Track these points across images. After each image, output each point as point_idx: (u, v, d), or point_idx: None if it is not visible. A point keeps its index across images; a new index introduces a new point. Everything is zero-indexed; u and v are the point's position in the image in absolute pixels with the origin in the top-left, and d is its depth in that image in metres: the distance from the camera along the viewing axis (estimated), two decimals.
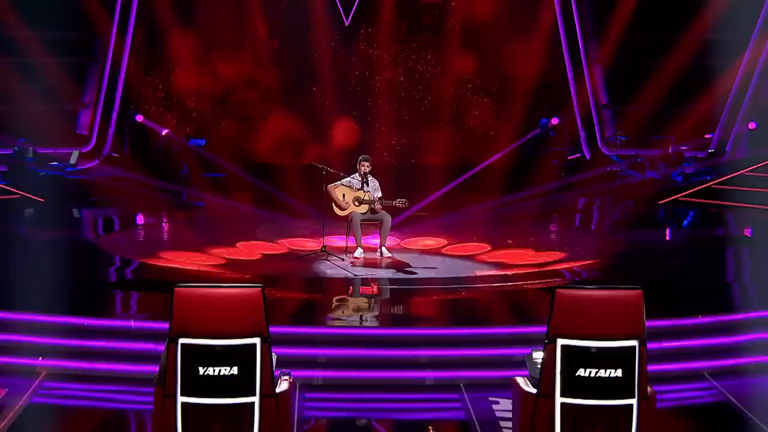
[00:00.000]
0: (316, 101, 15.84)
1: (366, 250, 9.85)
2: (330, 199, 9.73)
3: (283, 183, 14.99)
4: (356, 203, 9.71)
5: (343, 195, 9.74)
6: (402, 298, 8.25)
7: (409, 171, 15.41)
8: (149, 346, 6.46)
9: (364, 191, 9.73)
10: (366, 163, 9.76)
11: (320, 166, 9.72)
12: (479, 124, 16.14)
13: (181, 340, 4.20)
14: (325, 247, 9.63)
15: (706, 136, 15.40)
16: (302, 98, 15.89)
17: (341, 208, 9.72)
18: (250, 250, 10.29)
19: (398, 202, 9.62)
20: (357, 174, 9.81)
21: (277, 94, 15.80)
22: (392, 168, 15.03)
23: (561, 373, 4.24)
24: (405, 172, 15.24)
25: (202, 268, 9.09)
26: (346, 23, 15.82)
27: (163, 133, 15.63)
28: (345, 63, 15.88)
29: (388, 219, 9.71)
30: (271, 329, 4.30)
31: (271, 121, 15.90)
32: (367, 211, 9.72)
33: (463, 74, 16.05)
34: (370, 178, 9.83)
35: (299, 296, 8.35)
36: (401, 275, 9.02)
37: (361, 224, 9.67)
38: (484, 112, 16.18)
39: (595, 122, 15.98)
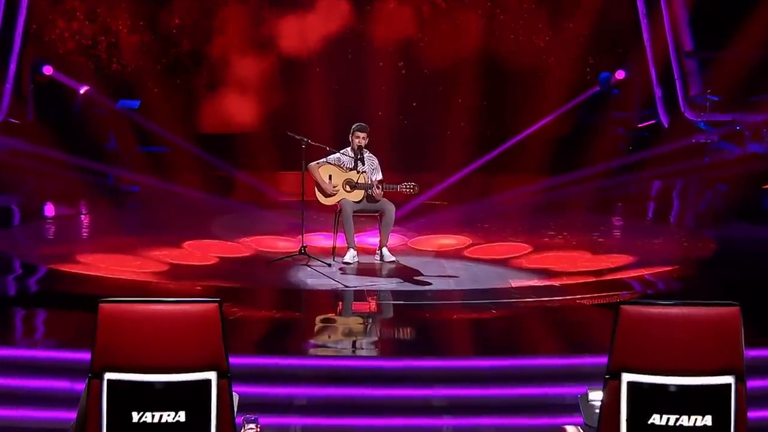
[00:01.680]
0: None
1: (361, 252, 9.86)
2: (312, 183, 9.74)
3: (247, 160, 15.00)
4: (348, 188, 9.72)
5: (330, 176, 9.75)
6: (410, 317, 8.27)
7: (421, 138, 15.43)
8: (62, 383, 6.47)
9: (359, 171, 9.75)
10: (361, 134, 9.76)
11: (298, 136, 9.72)
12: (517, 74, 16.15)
13: (108, 376, 4.21)
14: (305, 247, 9.64)
15: None
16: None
17: (327, 195, 9.74)
18: (202, 251, 10.31)
19: (405, 187, 9.63)
20: (349, 148, 9.82)
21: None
22: (396, 122, 15.07)
23: (627, 420, 4.25)
24: (415, 138, 15.27)
25: (137, 277, 9.11)
26: None
27: (82, 91, 15.63)
28: None
29: (391, 210, 9.73)
30: (232, 360, 4.31)
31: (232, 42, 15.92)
32: (362, 199, 9.74)
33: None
34: (366, 153, 9.84)
35: (270, 315, 8.37)
36: (409, 286, 9.04)
37: (354, 217, 9.68)
38: (523, 59, 16.19)
39: (675, 76, 15.97)
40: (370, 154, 9.88)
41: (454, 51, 15.96)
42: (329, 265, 9.57)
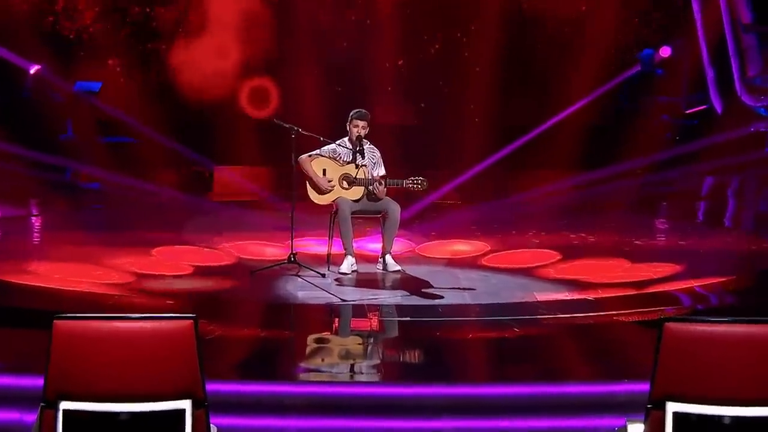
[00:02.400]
0: None
1: (360, 259, 9.86)
2: (304, 179, 9.75)
3: (227, 152, 15.00)
4: (345, 184, 9.73)
5: (325, 171, 9.76)
6: (417, 337, 8.28)
7: (430, 130, 15.44)
8: (10, 415, 6.48)
9: (358, 165, 9.76)
10: (361, 123, 9.78)
11: (287, 125, 9.73)
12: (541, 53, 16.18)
13: (64, 405, 4.22)
14: (295, 255, 9.66)
15: None
16: None
17: (321, 192, 9.75)
18: (174, 259, 10.32)
19: (412, 183, 9.63)
20: (346, 139, 9.83)
21: None
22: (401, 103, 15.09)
23: None
24: (423, 130, 15.27)
25: (97, 289, 9.12)
26: None
27: (33, 71, 15.65)
28: None
29: (395, 210, 9.74)
30: (210, 386, 4.32)
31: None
32: (361, 197, 9.75)
33: None
34: (367, 145, 9.85)
35: (254, 334, 8.38)
36: (416, 300, 9.04)
37: (353, 218, 9.69)
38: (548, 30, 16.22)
39: (731, 54, 15.96)
40: (371, 146, 9.89)
41: (472, 19, 15.99)
42: (323, 275, 9.58)
